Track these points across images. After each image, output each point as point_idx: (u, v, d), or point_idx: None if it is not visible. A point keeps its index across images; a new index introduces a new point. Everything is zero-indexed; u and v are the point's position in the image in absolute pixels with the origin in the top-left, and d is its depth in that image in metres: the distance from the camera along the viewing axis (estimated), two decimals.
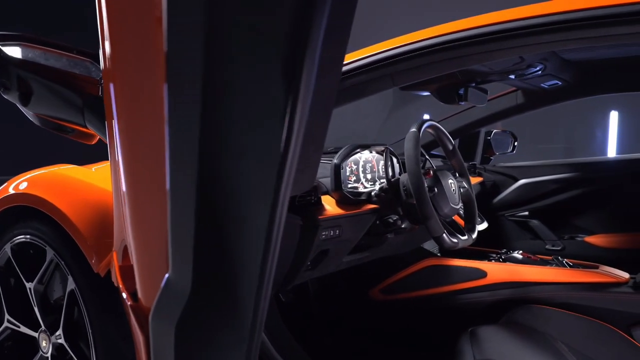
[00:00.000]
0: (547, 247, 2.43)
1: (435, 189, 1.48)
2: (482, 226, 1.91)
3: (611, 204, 2.38)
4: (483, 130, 2.64)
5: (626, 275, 1.68)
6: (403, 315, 1.93)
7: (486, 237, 2.44)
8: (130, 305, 0.76)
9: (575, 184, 2.41)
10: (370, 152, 1.68)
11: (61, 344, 1.46)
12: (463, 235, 1.54)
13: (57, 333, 1.47)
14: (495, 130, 2.72)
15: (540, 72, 1.79)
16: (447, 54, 1.18)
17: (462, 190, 1.63)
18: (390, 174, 1.71)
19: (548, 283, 1.69)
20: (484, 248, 2.05)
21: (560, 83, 2.09)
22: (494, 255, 1.91)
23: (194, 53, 0.42)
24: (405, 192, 1.48)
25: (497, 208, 2.56)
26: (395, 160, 1.80)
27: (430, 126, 1.56)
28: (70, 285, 1.41)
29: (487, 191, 2.57)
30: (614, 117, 4.11)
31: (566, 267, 1.78)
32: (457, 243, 1.46)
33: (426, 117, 4.06)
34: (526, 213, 2.51)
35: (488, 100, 2.44)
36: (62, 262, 1.42)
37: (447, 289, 1.83)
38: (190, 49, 0.42)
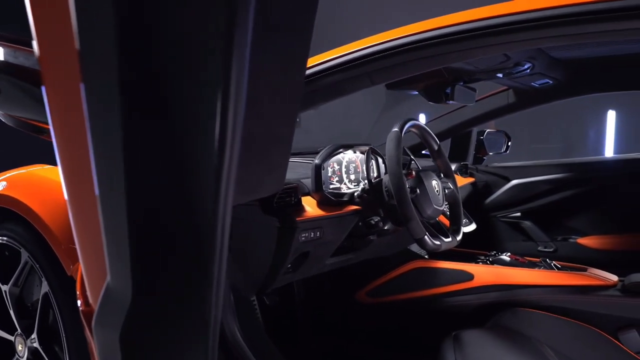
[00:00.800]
0: (539, 248, 2.41)
1: (418, 190, 1.46)
2: (471, 227, 1.89)
3: (604, 205, 2.36)
4: (475, 129, 2.62)
5: (615, 278, 1.66)
6: (389, 319, 1.91)
7: (478, 239, 2.42)
8: (82, 310, 0.74)
9: (568, 185, 2.39)
10: (354, 152, 1.66)
11: (37, 348, 1.45)
12: (447, 237, 1.52)
13: (32, 336, 1.45)
14: (488, 130, 2.70)
15: (528, 70, 1.77)
16: (424, 52, 1.16)
17: (447, 191, 1.61)
18: (376, 174, 1.69)
19: (535, 286, 1.67)
20: (472, 250, 2.03)
21: (550, 82, 2.08)
22: (482, 258, 1.89)
23: (105, 51, 0.40)
24: (388, 193, 1.46)
25: (489, 209, 2.54)
26: (380, 160, 1.78)
27: (413, 126, 1.54)
28: (45, 288, 1.40)
29: (479, 192, 2.55)
30: (611, 116, 4.09)
31: (554, 269, 1.76)
32: (439, 245, 1.44)
33: (422, 116, 4.05)
34: (518, 214, 2.49)
35: (479, 100, 2.44)
36: (37, 265, 1.41)
37: (433, 291, 1.81)
38: (101, 48, 0.40)
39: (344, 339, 1.98)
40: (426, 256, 1.93)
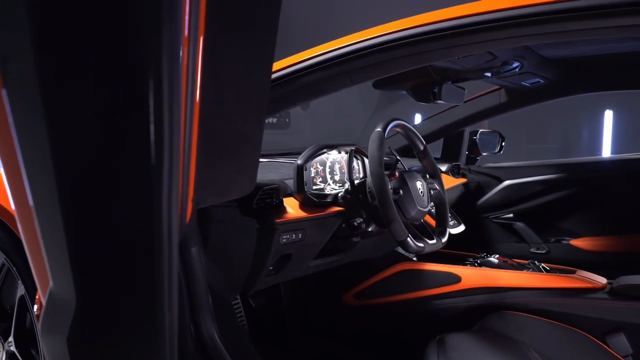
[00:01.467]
0: (531, 250, 2.40)
1: (401, 191, 1.45)
2: (459, 229, 1.87)
3: (598, 206, 2.34)
4: (467, 129, 2.61)
5: (604, 280, 1.64)
6: (376, 321, 1.90)
7: (470, 240, 2.41)
8: (37, 315, 0.73)
9: (561, 185, 2.38)
10: (339, 153, 1.65)
11: (14, 352, 1.43)
12: (432, 239, 1.50)
13: (10, 340, 1.44)
14: (481, 130, 2.68)
15: (517, 69, 1.76)
16: (404, 51, 1.14)
17: (432, 192, 1.60)
18: (362, 175, 1.67)
19: (523, 288, 1.65)
20: (461, 251, 2.02)
21: (542, 81, 2.06)
22: (471, 260, 1.87)
23: (24, 55, 0.39)
24: (371, 195, 1.45)
25: (481, 210, 2.53)
26: (367, 161, 1.76)
27: (398, 125, 1.53)
28: (21, 290, 1.38)
29: (471, 192, 2.53)
30: (608, 116, 4.07)
31: (542, 271, 1.74)
32: (422, 247, 1.43)
33: (417, 117, 4.03)
34: (511, 215, 2.47)
35: (470, 99, 2.42)
36: (13, 267, 1.39)
37: (420, 294, 1.79)
38: (20, 51, 0.39)
39: (331, 341, 1.96)
40: (414, 258, 1.91)
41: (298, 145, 1.95)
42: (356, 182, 1.51)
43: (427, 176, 1.64)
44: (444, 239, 1.56)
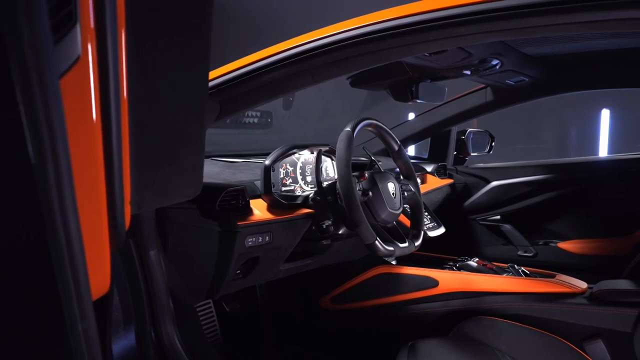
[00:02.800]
0: (519, 253, 2.37)
1: (370, 193, 1.43)
2: (438, 232, 1.85)
3: (587, 208, 2.32)
4: (455, 129, 2.59)
5: (584, 285, 1.62)
6: (354, 326, 1.88)
7: (455, 243, 2.39)
8: None
9: (549, 187, 2.35)
10: (312, 153, 1.63)
11: None
12: (403, 242, 1.48)
13: None
14: (470, 129, 2.66)
15: (498, 67, 1.73)
16: (364, 48, 1.12)
17: (407, 194, 1.57)
18: (335, 175, 1.65)
19: (500, 293, 1.63)
20: (441, 255, 1.99)
21: (526, 79, 2.04)
22: (450, 263, 1.85)
23: None
24: (339, 196, 1.43)
25: (467, 211, 2.51)
26: None
27: (369, 125, 1.50)
28: None
29: (458, 194, 2.51)
30: (605, 115, 4.03)
31: (522, 276, 1.72)
32: (392, 251, 1.40)
33: (411, 115, 4.00)
34: (498, 217, 2.45)
35: (456, 98, 2.40)
36: None
37: (397, 298, 1.77)
38: None
39: (308, 347, 1.94)
40: (393, 262, 1.89)
41: (281, 145, 1.94)
42: (326, 183, 1.49)
43: (402, 177, 1.62)
44: (417, 242, 1.53)
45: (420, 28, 1.05)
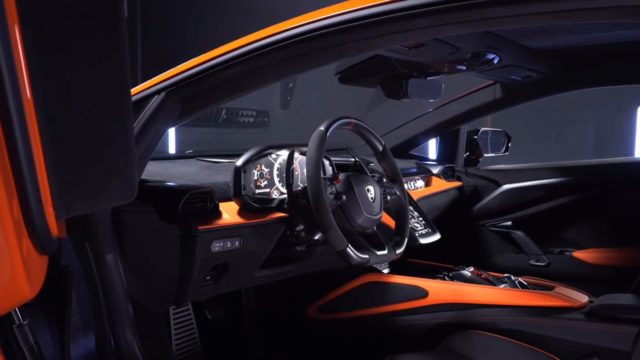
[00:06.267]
0: (530, 262, 2.30)
1: (344, 197, 1.40)
2: (432, 238, 1.80)
3: (605, 214, 2.23)
4: (464, 128, 2.53)
5: (584, 299, 1.56)
6: (340, 337, 1.85)
7: (461, 250, 2.33)
8: None
9: (565, 191, 2.27)
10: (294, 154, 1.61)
11: None
12: (382, 249, 1.44)
13: None
14: (483, 129, 2.60)
15: (496, 62, 1.68)
16: (321, 42, 1.10)
17: (390, 198, 1.54)
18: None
19: (492, 305, 1.58)
20: (437, 263, 1.95)
21: (534, 75, 1.97)
22: (444, 272, 1.80)
23: None
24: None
25: (476, 216, 2.45)
26: (327, 162, 1.72)
27: (348, 124, 1.47)
28: None
29: (466, 197, 2.45)
30: None
31: (517, 287, 1.66)
32: (366, 259, 1.37)
33: None
34: (509, 223, 2.38)
35: (464, 95, 2.35)
36: None
37: (386, 309, 1.74)
38: None
39: (293, 358, 1.93)
40: (385, 270, 1.85)
41: None
42: (302, 186, 1.47)
43: (384, 180, 1.58)
44: (399, 250, 1.49)
45: (376, 21, 1.03)
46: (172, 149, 2.78)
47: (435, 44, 1.39)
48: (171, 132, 2.67)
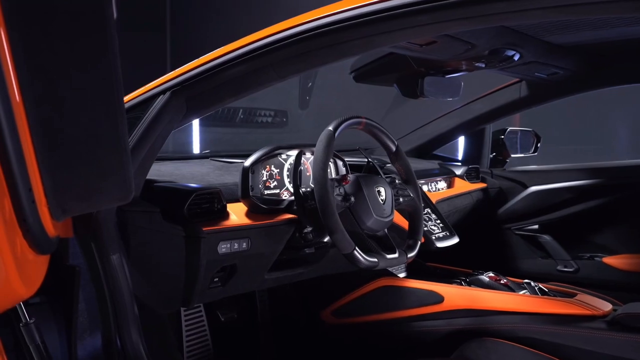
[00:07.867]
0: (558, 267, 2.25)
1: (353, 198, 1.39)
2: (449, 242, 1.77)
3: (638, 218, 2.16)
4: (489, 127, 2.49)
5: (607, 307, 1.51)
6: (354, 342, 1.84)
7: (485, 255, 2.30)
8: None
9: (594, 193, 2.22)
10: (304, 154, 1.61)
11: None
12: (393, 252, 1.42)
13: None
14: (510, 128, 2.55)
15: (517, 59, 1.65)
16: (323, 40, 1.10)
17: (403, 200, 1.52)
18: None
19: (510, 312, 1.55)
20: (456, 267, 1.92)
21: (560, 72, 1.92)
22: (462, 277, 1.77)
23: None
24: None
25: (502, 219, 2.40)
26: (340, 163, 1.71)
27: (358, 124, 1.46)
28: None
29: (491, 199, 2.41)
30: None
31: (537, 294, 1.62)
32: (375, 263, 1.36)
33: None
34: (536, 226, 2.33)
35: (488, 94, 2.31)
36: None
37: (400, 314, 1.72)
38: None
39: None
40: (401, 274, 1.84)
41: None
42: (311, 187, 1.47)
43: (396, 181, 1.56)
44: (412, 254, 1.47)
45: (378, 18, 1.02)
46: (196, 149, 2.81)
47: (447, 41, 1.37)
48: (195, 132, 2.71)
